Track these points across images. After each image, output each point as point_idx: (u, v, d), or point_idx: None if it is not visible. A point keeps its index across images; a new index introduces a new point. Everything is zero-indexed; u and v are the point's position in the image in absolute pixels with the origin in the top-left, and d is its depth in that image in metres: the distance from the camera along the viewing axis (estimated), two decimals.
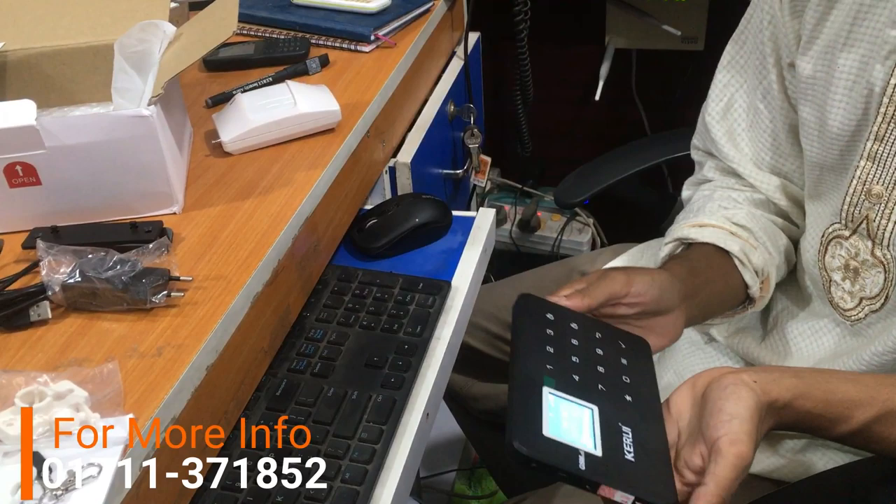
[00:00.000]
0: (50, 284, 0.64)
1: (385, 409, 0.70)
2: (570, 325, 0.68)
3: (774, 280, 0.79)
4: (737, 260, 0.76)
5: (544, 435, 0.55)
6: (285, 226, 0.74)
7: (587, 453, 0.56)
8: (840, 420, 0.60)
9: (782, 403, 0.59)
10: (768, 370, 0.61)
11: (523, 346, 0.63)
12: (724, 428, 0.56)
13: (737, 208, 0.81)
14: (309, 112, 0.87)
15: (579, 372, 0.63)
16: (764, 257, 0.77)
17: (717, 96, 0.85)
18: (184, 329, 0.62)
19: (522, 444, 0.54)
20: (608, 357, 0.66)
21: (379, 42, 1.07)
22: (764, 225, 0.80)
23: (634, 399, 0.63)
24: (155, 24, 0.81)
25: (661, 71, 1.74)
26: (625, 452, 0.57)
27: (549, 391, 0.59)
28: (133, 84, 0.78)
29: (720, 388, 0.58)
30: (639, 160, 1.27)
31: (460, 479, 1.58)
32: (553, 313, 0.68)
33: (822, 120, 0.72)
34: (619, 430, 0.59)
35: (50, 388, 0.55)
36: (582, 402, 0.60)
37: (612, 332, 0.70)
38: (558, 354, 0.64)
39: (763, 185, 0.83)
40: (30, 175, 0.71)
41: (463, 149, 1.30)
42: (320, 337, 0.77)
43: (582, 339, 0.67)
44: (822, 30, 0.71)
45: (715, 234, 0.77)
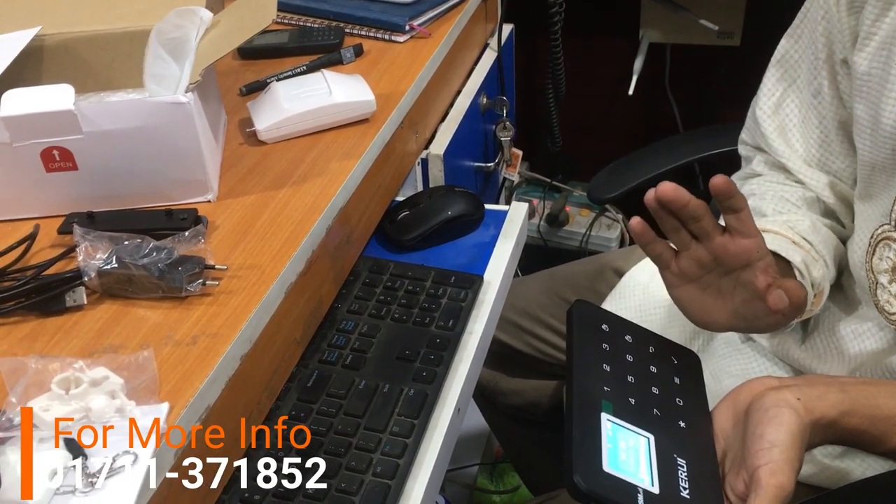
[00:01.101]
0: (86, 270, 0.64)
1: (417, 403, 0.69)
2: (625, 337, 0.68)
3: (826, 295, 0.78)
4: (797, 272, 0.74)
5: (604, 470, 0.55)
6: (319, 216, 0.73)
7: (645, 490, 0.56)
8: (886, 436, 0.58)
9: (827, 421, 0.57)
10: (813, 384, 0.59)
11: (581, 363, 0.63)
12: (764, 457, 0.55)
13: (796, 213, 0.80)
14: (344, 102, 0.86)
15: (635, 394, 0.63)
16: (822, 271, 0.76)
17: (769, 91, 0.84)
18: (219, 318, 0.62)
19: (583, 479, 0.54)
20: (662, 376, 0.66)
21: (413, 32, 1.06)
22: (825, 237, 0.78)
23: (688, 425, 0.63)
24: (192, 11, 0.81)
25: (695, 66, 1.72)
26: (680, 489, 0.57)
27: (607, 417, 0.59)
28: (169, 70, 0.78)
29: (762, 409, 0.57)
30: (672, 157, 1.25)
31: (482, 473, 1.58)
32: (608, 323, 0.68)
33: (875, 118, 0.70)
34: (674, 462, 0.59)
35: (86, 374, 0.55)
36: (638, 431, 0.60)
37: (664, 345, 0.69)
38: (615, 373, 0.63)
39: (812, 182, 0.81)
40: (66, 160, 0.71)
41: (494, 142, 1.29)
42: (352, 329, 0.77)
43: (636, 354, 0.66)
44: (880, 26, 0.69)
45: (777, 241, 0.75)
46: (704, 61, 1.69)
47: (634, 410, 0.61)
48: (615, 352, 0.65)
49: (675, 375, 0.66)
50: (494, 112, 1.25)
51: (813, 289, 0.75)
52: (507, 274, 0.87)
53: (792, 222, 0.78)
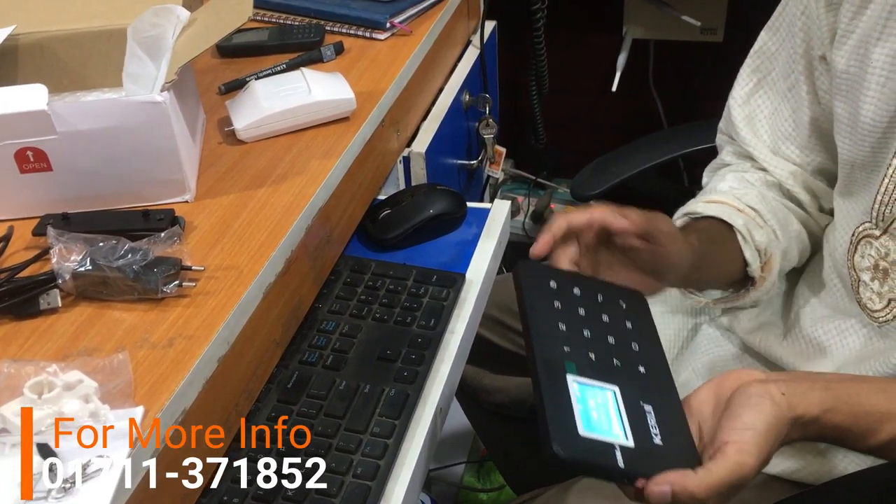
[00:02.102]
0: (60, 272, 0.63)
1: (398, 403, 0.69)
2: (574, 291, 0.67)
3: (778, 263, 0.78)
4: (739, 235, 0.76)
5: (581, 435, 0.55)
6: (298, 216, 0.73)
7: (622, 447, 0.56)
8: (868, 433, 0.58)
9: (810, 418, 0.57)
10: (798, 380, 0.59)
11: (537, 327, 0.63)
12: (736, 435, 0.55)
13: (748, 189, 0.81)
14: (324, 100, 0.85)
15: (594, 348, 0.63)
16: (769, 237, 0.77)
17: (743, 81, 0.85)
18: (195, 320, 0.61)
19: (562, 447, 0.54)
20: (614, 323, 0.66)
21: (394, 30, 1.06)
22: (774, 207, 0.80)
23: (646, 369, 0.63)
24: (169, 9, 0.80)
25: (678, 62, 1.72)
26: (652, 437, 0.58)
27: (572, 378, 0.59)
28: (146, 69, 0.77)
29: (745, 395, 0.57)
30: (656, 153, 1.25)
31: (469, 471, 1.58)
32: (555, 279, 0.67)
33: (854, 116, 0.71)
34: (641, 410, 0.59)
35: (59, 378, 0.55)
36: (603, 385, 0.60)
37: (610, 290, 0.69)
38: (571, 331, 0.63)
39: (776, 170, 0.82)
40: (41, 161, 0.70)
41: (477, 139, 1.29)
42: (332, 329, 0.76)
43: (587, 306, 0.66)
44: (857, 24, 0.70)
45: (721, 208, 0.77)
46: (688, 57, 1.69)
47: (596, 365, 0.61)
48: (567, 308, 0.65)
49: (627, 320, 0.67)
50: (477, 109, 1.25)
51: (760, 255, 0.75)
52: (490, 272, 0.87)
53: (738, 193, 0.80)
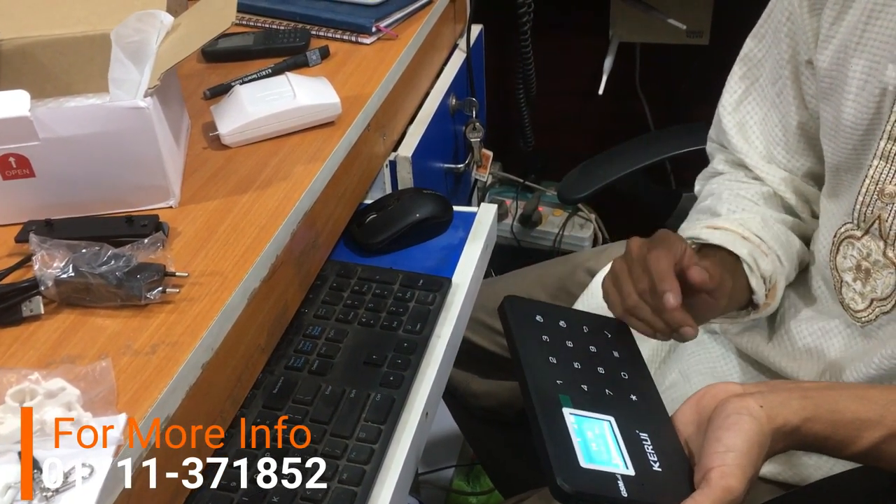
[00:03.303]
0: (43, 279, 0.62)
1: (384, 408, 0.68)
2: (560, 324, 0.68)
3: (781, 289, 0.78)
4: (745, 265, 0.75)
5: (582, 467, 0.56)
6: (283, 221, 0.73)
7: (623, 476, 0.56)
8: (849, 441, 0.58)
9: (790, 428, 0.57)
10: (775, 390, 0.59)
11: (528, 362, 0.64)
12: (718, 460, 0.55)
13: (750, 212, 0.80)
14: (308, 105, 0.85)
15: (585, 380, 0.64)
16: (774, 265, 0.77)
17: (731, 88, 0.85)
18: (179, 326, 0.61)
19: (566, 481, 0.54)
20: (602, 354, 0.67)
21: (380, 34, 1.06)
22: (776, 233, 0.79)
23: (638, 397, 0.64)
24: (152, 14, 0.80)
25: (665, 65, 1.72)
26: (651, 463, 0.58)
27: (568, 411, 0.60)
28: (129, 75, 0.76)
29: (723, 415, 0.57)
30: (643, 156, 1.26)
31: (459, 475, 1.57)
32: (540, 314, 0.69)
33: (837, 119, 0.71)
34: (638, 438, 0.60)
35: (41, 386, 0.54)
36: (599, 416, 0.61)
37: (594, 322, 0.71)
38: (561, 364, 0.64)
39: (769, 178, 0.82)
40: (23, 167, 0.70)
41: (464, 143, 1.29)
42: (318, 334, 0.76)
43: (574, 338, 0.68)
44: (838, 29, 0.70)
45: (725, 237, 0.77)
46: (674, 60, 1.69)
47: (589, 396, 0.62)
48: (555, 341, 0.66)
49: (613, 349, 0.68)
50: (464, 113, 1.25)
51: (765, 283, 0.76)
52: (476, 276, 0.87)
53: (743, 220, 0.79)
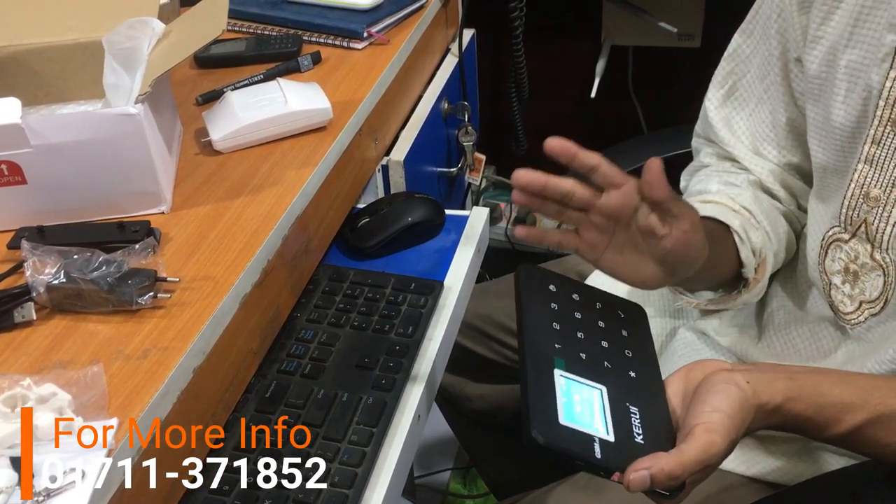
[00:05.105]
0: (34, 285, 0.63)
1: (376, 411, 0.69)
2: (573, 296, 0.68)
3: (770, 266, 0.78)
4: (736, 235, 0.76)
5: (560, 423, 0.56)
6: (275, 225, 0.73)
7: (601, 439, 0.57)
8: (830, 423, 0.59)
9: (773, 406, 0.59)
10: (762, 370, 0.61)
11: (531, 323, 0.64)
12: (703, 417, 0.56)
13: (739, 189, 0.81)
14: (300, 110, 0.86)
15: (586, 349, 0.64)
16: (763, 239, 0.77)
17: (718, 83, 0.85)
18: (170, 331, 0.61)
19: (540, 433, 0.55)
20: (610, 330, 0.67)
21: (372, 39, 1.06)
22: (766, 209, 0.80)
23: (637, 374, 0.64)
24: (144, 21, 0.80)
25: (657, 68, 1.73)
26: (634, 435, 0.58)
27: (560, 373, 0.60)
28: (121, 81, 0.77)
29: (711, 383, 0.58)
30: (636, 158, 1.25)
31: (455, 478, 1.58)
32: (555, 284, 0.68)
33: (825, 120, 0.72)
34: (627, 410, 0.60)
35: (33, 391, 0.54)
36: (591, 384, 0.61)
37: (611, 301, 0.70)
38: (564, 331, 0.64)
39: (757, 169, 0.83)
40: (15, 174, 0.70)
41: (457, 147, 1.29)
42: (311, 338, 0.76)
43: (584, 311, 0.67)
44: (827, 28, 0.71)
45: (716, 208, 0.77)
46: (666, 63, 1.70)
47: (586, 364, 0.62)
48: (564, 310, 0.66)
49: (623, 328, 0.68)
50: (456, 117, 1.25)
51: (755, 256, 0.76)
52: (468, 279, 0.87)
53: (733, 193, 0.80)
